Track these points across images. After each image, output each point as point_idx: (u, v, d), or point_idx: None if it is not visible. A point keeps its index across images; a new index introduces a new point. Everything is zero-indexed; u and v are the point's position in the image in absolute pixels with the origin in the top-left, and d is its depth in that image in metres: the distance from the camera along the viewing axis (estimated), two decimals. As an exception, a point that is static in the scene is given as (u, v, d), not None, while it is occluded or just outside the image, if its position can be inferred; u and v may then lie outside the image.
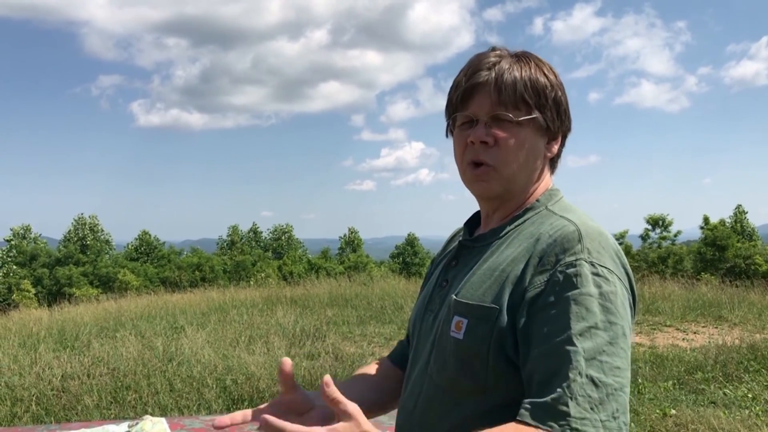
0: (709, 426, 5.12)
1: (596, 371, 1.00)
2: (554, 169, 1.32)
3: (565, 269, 1.07)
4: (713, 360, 7.44)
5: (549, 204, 1.25)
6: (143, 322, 10.88)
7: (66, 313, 13.52)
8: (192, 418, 2.84)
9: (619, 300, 1.07)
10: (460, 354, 1.14)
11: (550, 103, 1.23)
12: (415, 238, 53.39)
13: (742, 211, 43.83)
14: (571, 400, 0.98)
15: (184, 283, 35.31)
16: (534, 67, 1.24)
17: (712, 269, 33.32)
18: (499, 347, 1.10)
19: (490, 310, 1.12)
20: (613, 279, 1.09)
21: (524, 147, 1.22)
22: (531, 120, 1.21)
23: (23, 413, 5.64)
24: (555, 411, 0.98)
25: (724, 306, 11.56)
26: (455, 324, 1.16)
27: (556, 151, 1.28)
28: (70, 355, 7.60)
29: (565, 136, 1.30)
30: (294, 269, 41.92)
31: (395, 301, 12.66)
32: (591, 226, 1.15)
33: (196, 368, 6.74)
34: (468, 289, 1.19)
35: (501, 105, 1.20)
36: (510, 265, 1.15)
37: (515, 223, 1.24)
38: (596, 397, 0.98)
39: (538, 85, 1.22)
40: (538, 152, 1.25)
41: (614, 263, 1.11)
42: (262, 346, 8.21)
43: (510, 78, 1.21)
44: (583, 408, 0.97)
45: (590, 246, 1.10)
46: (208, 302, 13.95)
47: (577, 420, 0.97)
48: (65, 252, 46.47)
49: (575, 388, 0.98)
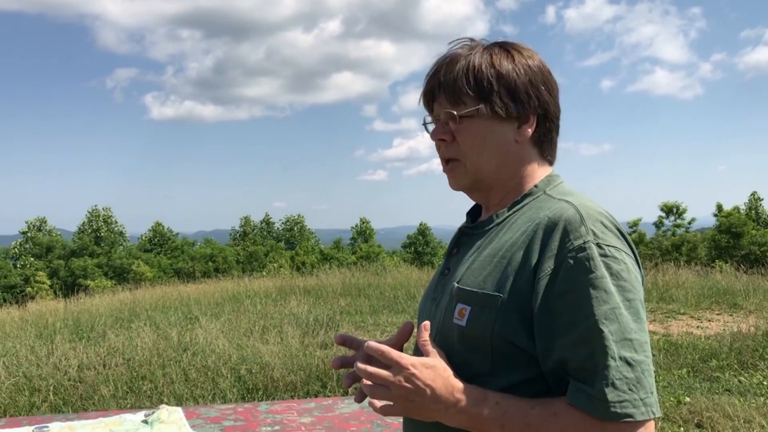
0: (724, 414, 5.10)
1: (628, 351, 1.03)
2: (545, 151, 1.30)
3: (575, 254, 1.08)
4: (728, 347, 7.40)
5: (547, 189, 1.26)
6: (158, 313, 10.97)
7: (81, 304, 13.66)
8: (207, 407, 2.87)
9: (632, 275, 1.10)
10: (464, 341, 1.16)
11: (497, 89, 1.22)
12: (427, 228, 53.39)
13: (757, 197, 43.52)
14: (609, 385, 1.02)
15: (197, 273, 35.58)
16: (484, 57, 1.24)
17: (726, 257, 33.06)
18: (502, 334, 1.12)
19: (494, 298, 1.13)
20: (621, 256, 1.10)
21: (480, 137, 1.24)
22: (476, 110, 1.22)
23: (41, 403, 5.71)
24: (597, 398, 1.02)
25: (738, 293, 11.48)
26: (458, 311, 1.18)
27: (529, 133, 1.26)
28: (86, 345, 7.69)
29: (547, 116, 1.27)
30: (306, 259, 42.07)
31: (408, 290, 12.68)
32: (590, 207, 1.16)
33: (210, 358, 6.79)
34: (469, 276, 1.20)
35: (448, 103, 1.25)
36: (509, 250, 1.16)
37: (514, 209, 1.25)
38: (632, 377, 1.03)
39: (479, 75, 1.22)
40: (502, 139, 1.24)
41: (619, 240, 1.13)
42: (276, 335, 8.26)
43: (449, 77, 1.24)
44: (621, 390, 1.02)
45: (594, 227, 1.11)
46: (222, 292, 14.05)
47: (617, 404, 1.01)
48: (80, 244, 46.89)
49: (611, 372, 1.02)
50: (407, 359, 1.09)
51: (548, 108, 1.26)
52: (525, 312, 1.11)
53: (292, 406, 2.76)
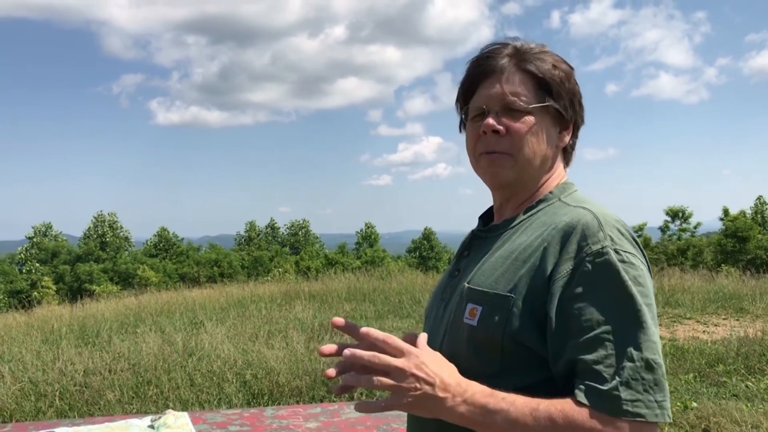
0: (731, 419, 5.08)
1: (651, 353, 1.04)
2: (568, 161, 1.33)
3: (594, 258, 1.09)
4: (735, 352, 7.36)
5: (562, 196, 1.26)
6: (163, 318, 10.98)
7: (87, 309, 13.68)
8: (213, 412, 2.87)
9: (647, 281, 1.11)
10: (473, 341, 1.16)
11: (564, 91, 1.24)
12: (432, 233, 53.34)
13: (763, 201, 43.26)
14: (623, 384, 1.02)
15: (202, 278, 35.61)
16: (548, 56, 1.25)
17: (732, 261, 32.92)
18: (513, 334, 1.11)
19: (506, 299, 1.13)
20: (637, 262, 1.11)
21: (536, 135, 1.22)
22: (543, 108, 1.22)
23: (47, 408, 5.72)
24: (609, 396, 1.02)
25: (745, 298, 11.43)
26: (469, 311, 1.18)
27: (567, 141, 1.29)
28: (91, 350, 7.69)
29: (578, 128, 1.30)
30: (311, 264, 42.04)
31: (413, 295, 12.67)
32: (607, 214, 1.17)
33: (216, 363, 6.79)
34: (480, 277, 1.20)
35: (512, 93, 1.21)
36: (523, 253, 1.16)
37: (528, 213, 1.25)
38: (652, 378, 1.03)
39: (552, 73, 1.23)
40: (551, 141, 1.25)
41: (633, 247, 1.14)
42: (281, 340, 8.25)
43: (522, 66, 1.22)
44: (635, 390, 1.02)
45: (611, 233, 1.12)
46: (227, 297, 14.05)
47: (630, 402, 1.01)
48: (85, 249, 46.99)
49: (627, 372, 1.02)
50: (413, 348, 1.07)
51: (581, 119, 1.29)
52: (537, 313, 1.11)
53: (297, 411, 2.76)
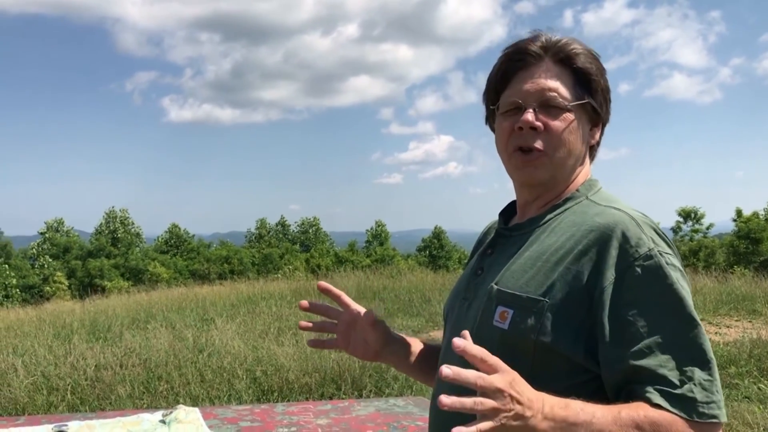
0: (744, 421, 5.04)
1: (709, 353, 1.05)
2: (593, 158, 1.30)
3: (643, 262, 1.06)
4: (747, 354, 7.31)
5: (589, 194, 1.22)
6: (174, 314, 11.04)
7: (98, 305, 13.79)
8: (224, 407, 2.88)
9: (687, 280, 1.10)
10: (505, 345, 1.11)
11: (600, 88, 1.21)
12: (442, 231, 53.26)
13: (776, 203, 42.97)
14: (696, 386, 1.01)
15: (213, 275, 35.76)
16: (582, 48, 1.22)
17: (745, 262, 32.68)
18: (545, 339, 1.08)
19: (538, 302, 1.10)
20: (677, 263, 1.10)
21: (573, 133, 1.19)
22: (581, 105, 1.19)
23: (59, 402, 5.77)
24: (684, 398, 1.00)
25: (758, 300, 11.34)
26: (500, 314, 1.14)
27: (597, 138, 1.27)
28: (102, 345, 7.75)
29: (605, 125, 1.28)
30: (321, 262, 42.11)
31: (423, 294, 12.66)
32: (641, 216, 1.14)
33: (226, 359, 6.81)
34: (509, 279, 1.17)
35: (551, 89, 1.18)
36: (554, 255, 1.13)
37: (555, 212, 1.22)
38: (712, 379, 1.03)
39: (590, 69, 1.20)
40: (585, 138, 1.23)
41: (669, 246, 1.12)
42: (291, 337, 8.28)
43: (559, 60, 1.19)
44: (709, 392, 1.01)
45: (652, 236, 1.10)
46: (238, 294, 14.11)
47: (705, 404, 1.00)
48: (97, 245, 47.26)
49: (697, 374, 1.02)
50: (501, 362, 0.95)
51: (608, 116, 1.27)
52: (575, 320, 1.08)
53: (308, 407, 2.76)
